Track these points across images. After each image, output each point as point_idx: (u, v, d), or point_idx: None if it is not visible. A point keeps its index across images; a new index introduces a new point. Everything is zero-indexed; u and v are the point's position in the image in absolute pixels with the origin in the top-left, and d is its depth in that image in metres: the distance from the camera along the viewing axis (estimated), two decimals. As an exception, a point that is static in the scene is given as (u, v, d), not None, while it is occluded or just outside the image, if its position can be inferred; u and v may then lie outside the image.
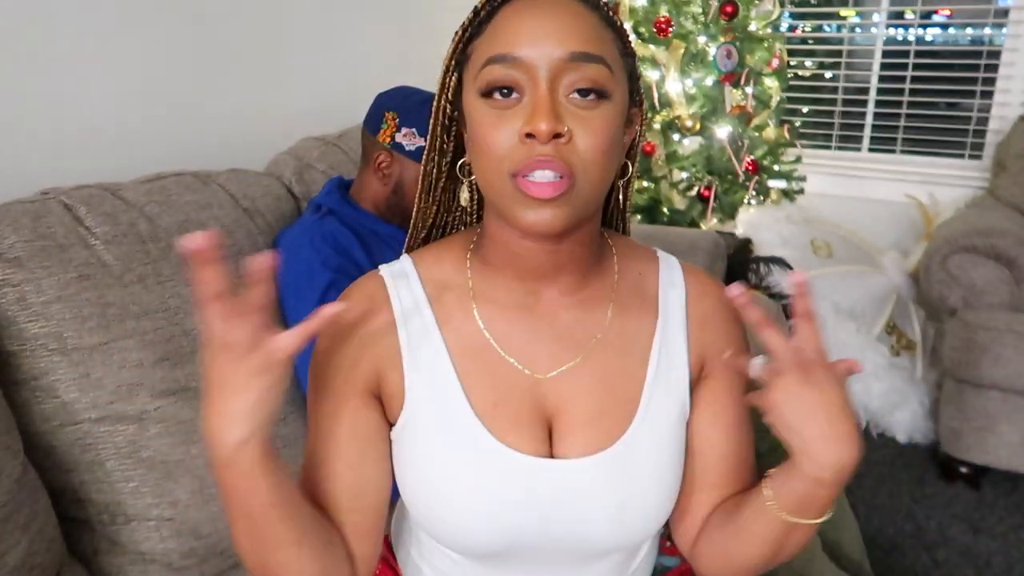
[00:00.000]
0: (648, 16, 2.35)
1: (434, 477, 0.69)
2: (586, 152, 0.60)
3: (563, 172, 0.59)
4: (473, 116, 0.63)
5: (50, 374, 0.98)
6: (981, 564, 1.71)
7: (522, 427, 0.69)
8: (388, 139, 1.27)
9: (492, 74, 0.61)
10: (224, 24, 1.58)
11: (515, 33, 0.60)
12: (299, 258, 1.21)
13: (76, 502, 1.01)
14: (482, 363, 0.69)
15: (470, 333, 0.70)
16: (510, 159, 0.60)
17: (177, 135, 1.49)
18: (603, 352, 0.71)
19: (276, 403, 0.60)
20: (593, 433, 0.69)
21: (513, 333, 0.70)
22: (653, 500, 0.71)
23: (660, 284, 0.75)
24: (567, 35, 0.60)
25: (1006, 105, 2.61)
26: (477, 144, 0.63)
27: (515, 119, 0.60)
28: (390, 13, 2.05)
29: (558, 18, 0.60)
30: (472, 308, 0.71)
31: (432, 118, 0.71)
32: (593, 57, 0.60)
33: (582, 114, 0.60)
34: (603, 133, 0.61)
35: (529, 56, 0.60)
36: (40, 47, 1.25)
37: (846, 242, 2.54)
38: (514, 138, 0.60)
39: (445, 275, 0.72)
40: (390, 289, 0.71)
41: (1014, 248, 1.87)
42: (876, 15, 2.86)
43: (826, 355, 0.62)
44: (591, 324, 0.71)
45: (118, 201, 1.12)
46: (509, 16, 0.62)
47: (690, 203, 2.48)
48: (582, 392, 0.70)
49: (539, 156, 0.59)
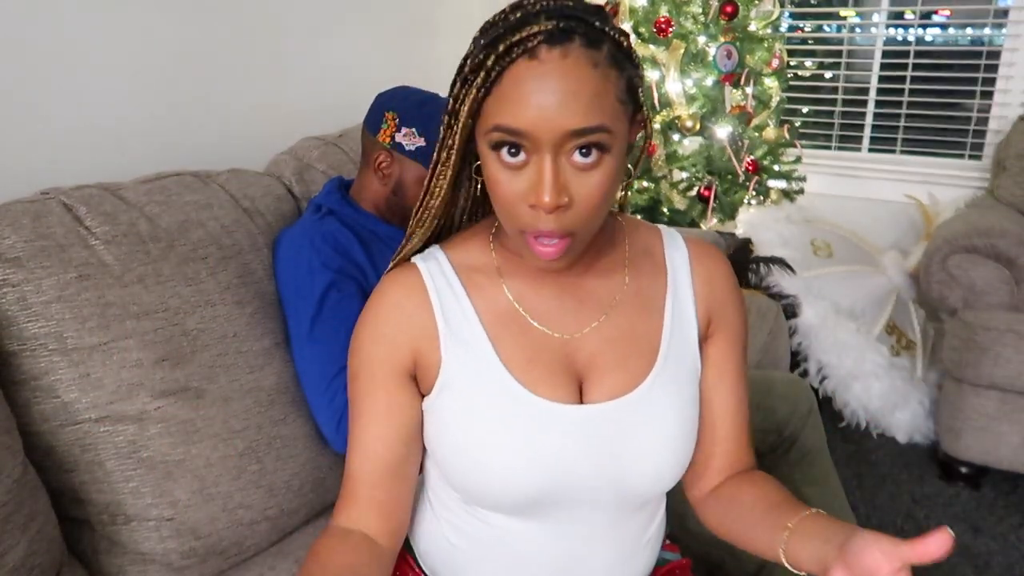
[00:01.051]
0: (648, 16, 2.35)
1: (472, 433, 0.74)
2: (586, 211, 0.66)
3: (564, 236, 0.66)
4: (486, 160, 0.67)
5: (50, 374, 0.98)
6: (981, 564, 1.71)
7: (555, 380, 0.75)
8: (388, 139, 1.27)
9: (500, 137, 0.65)
10: (224, 24, 1.58)
11: (520, 106, 0.63)
12: (299, 258, 1.21)
13: (76, 502, 1.01)
14: (513, 328, 0.76)
15: (500, 303, 0.76)
16: (518, 218, 0.66)
17: (177, 135, 1.49)
18: (624, 310, 0.78)
19: None
20: (619, 377, 0.75)
21: (540, 302, 0.77)
22: (673, 442, 0.76)
23: (666, 249, 0.83)
24: (569, 111, 0.62)
25: (1006, 105, 2.61)
26: (491, 189, 0.68)
27: (521, 182, 0.65)
28: (390, 13, 2.05)
29: (560, 91, 0.62)
30: (501, 283, 0.77)
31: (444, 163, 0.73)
32: (593, 130, 0.63)
33: (583, 178, 0.65)
34: (602, 187, 0.66)
35: (534, 132, 0.63)
36: (40, 47, 1.25)
37: (846, 242, 2.54)
38: (521, 201, 0.65)
39: (472, 257, 0.78)
40: (423, 272, 0.77)
41: (1014, 248, 1.87)
42: (876, 15, 2.86)
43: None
44: (611, 287, 0.78)
45: (118, 201, 1.12)
46: (517, 78, 0.63)
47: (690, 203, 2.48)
48: (607, 345, 0.76)
49: (543, 227, 0.65)
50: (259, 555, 1.13)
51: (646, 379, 0.76)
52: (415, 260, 0.79)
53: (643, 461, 0.75)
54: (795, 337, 2.16)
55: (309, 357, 1.18)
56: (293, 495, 1.16)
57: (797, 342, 2.17)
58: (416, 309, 0.76)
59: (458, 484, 0.76)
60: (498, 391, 0.73)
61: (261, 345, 1.18)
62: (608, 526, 0.78)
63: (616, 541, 0.79)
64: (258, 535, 1.12)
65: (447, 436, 0.76)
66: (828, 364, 2.16)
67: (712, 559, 1.14)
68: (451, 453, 0.75)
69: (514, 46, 0.62)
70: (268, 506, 1.13)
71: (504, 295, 0.77)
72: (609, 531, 0.78)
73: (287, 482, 1.16)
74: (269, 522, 1.13)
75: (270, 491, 1.13)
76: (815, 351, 2.17)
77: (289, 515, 1.16)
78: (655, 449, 0.75)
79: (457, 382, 0.75)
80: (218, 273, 1.17)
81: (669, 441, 0.76)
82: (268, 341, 1.20)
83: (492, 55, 0.63)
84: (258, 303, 1.21)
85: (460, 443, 0.75)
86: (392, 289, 0.77)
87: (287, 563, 1.11)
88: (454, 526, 0.81)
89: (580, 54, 0.62)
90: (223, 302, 1.15)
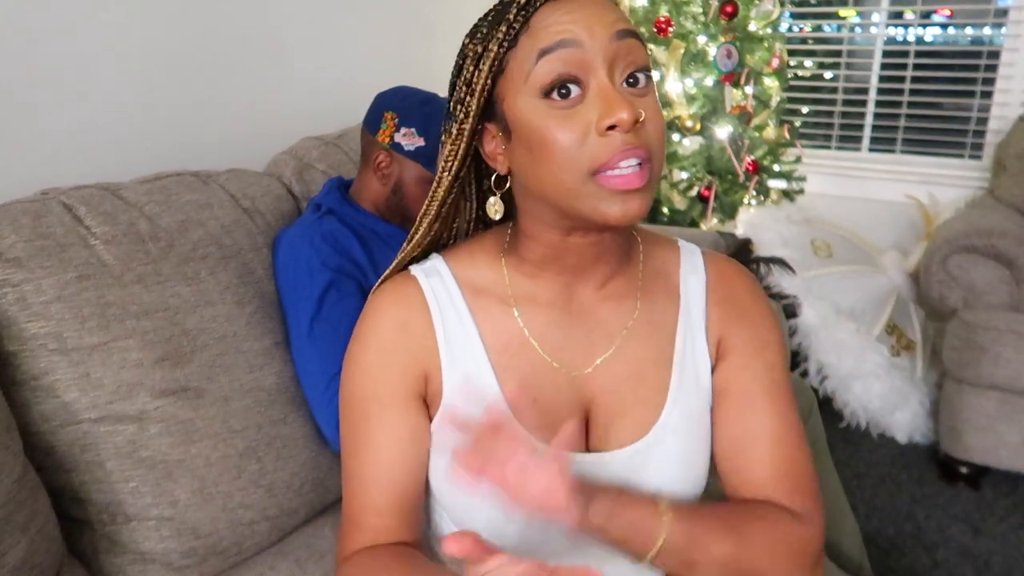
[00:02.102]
0: (648, 16, 2.35)
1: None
2: (655, 133, 0.63)
3: (644, 157, 0.61)
4: (531, 120, 0.63)
5: (50, 374, 0.98)
6: (981, 564, 1.71)
7: (559, 423, 0.69)
8: (387, 139, 1.27)
9: (550, 69, 0.61)
10: (224, 24, 1.58)
11: (562, 24, 0.61)
12: (299, 258, 1.21)
13: (76, 502, 1.01)
14: (520, 360, 0.71)
15: (509, 331, 0.72)
16: (590, 156, 0.61)
17: (177, 135, 1.49)
18: (633, 341, 0.73)
19: None
20: (626, 425, 0.72)
21: (550, 331, 0.72)
22: (682, 486, 0.72)
23: (681, 271, 0.78)
24: (610, 18, 0.62)
25: (1006, 105, 2.61)
26: (540, 147, 0.62)
27: (583, 115, 0.61)
28: (390, 13, 2.05)
29: (594, 5, 0.62)
30: (510, 306, 0.72)
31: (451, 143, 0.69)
32: (634, 33, 0.63)
33: (640, 101, 0.62)
34: (659, 115, 0.64)
35: (583, 40, 0.61)
36: (40, 47, 1.25)
37: (846, 242, 2.54)
38: (589, 134, 0.61)
39: (479, 276, 0.73)
40: (425, 289, 0.72)
41: (1014, 248, 1.87)
42: (876, 15, 2.86)
43: None
44: (622, 315, 0.74)
45: (118, 201, 1.12)
46: (547, 15, 0.62)
47: (690, 203, 2.48)
48: (615, 383, 0.72)
49: (625, 146, 0.60)
50: (259, 555, 1.13)
51: (655, 426, 0.71)
52: (415, 272, 0.74)
53: None
54: (795, 337, 2.16)
55: (309, 356, 1.18)
56: (293, 495, 1.16)
57: (797, 342, 2.17)
58: (421, 329, 0.71)
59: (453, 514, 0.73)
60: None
61: (261, 345, 1.18)
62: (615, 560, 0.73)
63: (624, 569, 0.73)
64: (258, 535, 1.12)
65: (443, 465, 0.71)
66: (828, 364, 2.16)
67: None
68: (448, 489, 0.71)
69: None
70: (268, 506, 1.13)
71: (514, 319, 0.72)
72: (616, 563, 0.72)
73: (287, 482, 1.16)
74: (269, 522, 1.13)
75: (270, 491, 1.13)
76: (815, 351, 2.17)
77: (289, 515, 1.16)
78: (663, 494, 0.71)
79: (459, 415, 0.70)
80: (218, 273, 1.17)
81: (681, 481, 0.72)
82: (268, 341, 1.20)
83: (513, 8, 0.62)
84: (258, 303, 1.21)
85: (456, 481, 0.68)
86: (394, 307, 0.72)
87: (287, 563, 1.11)
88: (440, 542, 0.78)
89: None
90: (223, 302, 1.15)
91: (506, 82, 0.64)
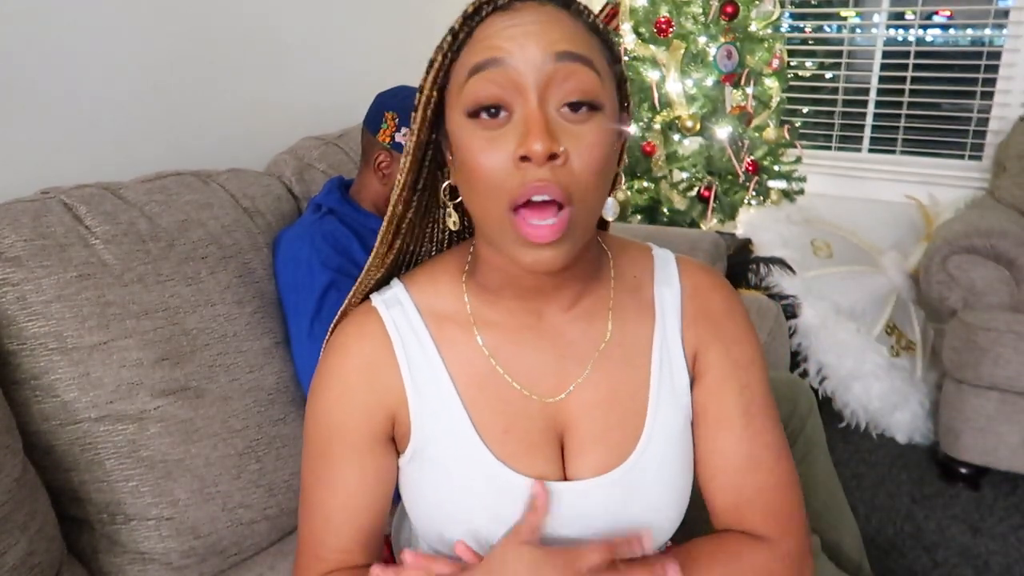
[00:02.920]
0: (648, 16, 2.35)
1: (444, 505, 0.68)
2: (582, 173, 0.57)
3: (560, 198, 0.56)
4: (461, 139, 0.59)
5: (50, 373, 0.98)
6: (980, 564, 1.71)
7: (533, 450, 0.68)
8: (388, 139, 1.27)
9: (477, 88, 0.57)
10: (224, 24, 1.58)
11: (497, 39, 0.57)
12: (299, 258, 1.21)
13: (75, 501, 1.01)
14: (490, 390, 0.68)
15: (474, 360, 0.68)
16: (506, 188, 0.57)
17: (177, 135, 1.49)
18: (607, 363, 0.70)
19: None
20: (603, 451, 0.68)
21: (518, 357, 0.69)
22: (664, 512, 0.70)
23: (655, 285, 0.74)
24: (551, 36, 0.57)
25: (1006, 106, 2.60)
26: (468, 170, 0.59)
27: (506, 141, 0.57)
28: (389, 13, 2.05)
29: (540, 21, 0.57)
30: (474, 335, 0.69)
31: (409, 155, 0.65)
32: (579, 57, 0.57)
33: (575, 130, 0.57)
34: (598, 149, 0.58)
35: (514, 61, 0.56)
36: (40, 46, 1.25)
37: (846, 242, 2.53)
38: (508, 162, 0.57)
39: (442, 302, 0.70)
40: (386, 322, 0.69)
41: (1014, 249, 1.87)
42: (876, 16, 2.86)
43: None
44: (594, 336, 0.70)
45: (118, 201, 1.12)
46: (489, 26, 0.58)
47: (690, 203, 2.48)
48: (591, 408, 0.69)
49: (535, 182, 0.55)
50: (259, 554, 1.13)
51: (633, 452, 0.68)
52: (376, 304, 0.70)
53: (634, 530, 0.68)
54: (795, 337, 2.16)
55: (309, 356, 1.18)
56: (293, 494, 1.16)
57: (797, 342, 2.17)
58: (385, 368, 0.68)
59: (432, 543, 0.71)
60: (473, 466, 0.67)
61: (261, 345, 1.18)
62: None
63: None
64: (258, 534, 1.12)
65: (419, 501, 0.70)
66: (828, 364, 2.16)
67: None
68: (424, 514, 0.70)
69: (484, 4, 0.58)
70: (268, 505, 1.13)
71: (479, 349, 0.68)
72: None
73: (287, 481, 1.16)
74: (269, 521, 1.13)
75: (270, 490, 1.13)
76: (815, 351, 2.16)
77: (289, 514, 1.16)
78: (647, 518, 0.69)
79: (429, 451, 0.68)
80: (218, 273, 1.17)
81: (662, 506, 0.70)
82: (268, 341, 1.20)
83: (460, 18, 0.59)
84: (258, 303, 1.21)
85: (432, 513, 0.69)
86: (356, 346, 0.68)
87: (287, 563, 1.11)
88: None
89: (556, 8, 0.59)
90: (223, 302, 1.16)
91: (448, 95, 0.61)
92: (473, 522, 0.67)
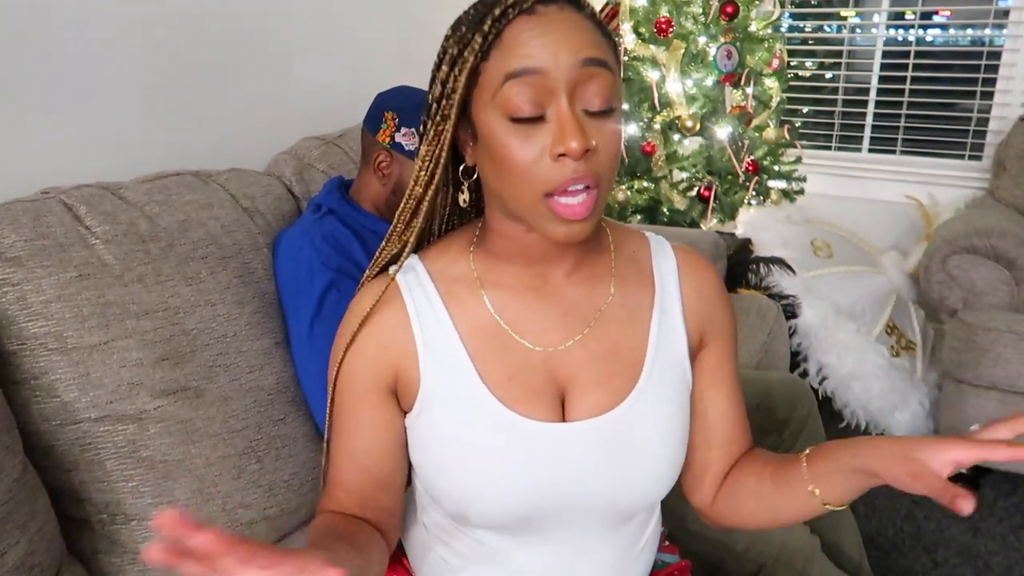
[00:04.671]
0: (648, 16, 2.35)
1: (453, 453, 0.73)
2: (606, 159, 0.66)
3: (591, 183, 0.64)
4: (495, 134, 0.65)
5: (50, 373, 0.98)
6: (980, 565, 1.71)
7: (536, 398, 0.73)
8: (388, 139, 1.27)
9: (516, 95, 0.63)
10: (224, 24, 1.58)
11: (531, 47, 0.63)
12: (299, 258, 1.21)
13: (76, 501, 1.01)
14: (494, 343, 0.73)
15: (481, 317, 0.74)
16: (543, 178, 0.64)
17: (177, 135, 1.49)
18: (608, 323, 0.76)
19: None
20: (601, 396, 0.74)
21: (522, 314, 0.74)
22: (660, 459, 0.75)
23: (653, 259, 0.81)
24: (578, 43, 0.64)
25: (1006, 106, 2.61)
26: (501, 161, 0.66)
27: (542, 137, 0.64)
28: (390, 13, 2.05)
29: (566, 28, 0.64)
30: (481, 294, 0.75)
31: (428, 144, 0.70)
32: (602, 62, 0.64)
33: (598, 125, 0.65)
34: (616, 138, 0.66)
35: (547, 67, 0.63)
36: (40, 46, 1.25)
37: (846, 242, 2.53)
38: (543, 157, 0.64)
39: (451, 268, 0.76)
40: (401, 285, 0.75)
41: (1014, 249, 1.87)
42: (876, 16, 2.86)
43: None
44: (596, 298, 0.76)
45: (118, 201, 1.12)
46: (519, 31, 0.64)
47: (690, 203, 2.48)
48: (590, 360, 0.74)
49: (574, 175, 0.63)
50: (259, 555, 1.13)
51: (628, 396, 0.74)
52: (391, 270, 0.76)
53: (630, 476, 0.74)
54: (795, 337, 2.16)
55: (309, 356, 1.18)
56: (293, 494, 1.17)
57: (797, 342, 2.16)
58: (395, 325, 0.74)
59: (443, 503, 0.75)
60: (478, 411, 0.72)
61: (261, 345, 1.18)
62: (600, 538, 0.78)
63: (610, 551, 0.79)
64: (258, 534, 1.12)
65: (429, 456, 0.74)
66: (828, 364, 2.16)
67: (712, 559, 1.14)
68: (433, 473, 0.74)
69: (510, 8, 0.64)
70: (268, 505, 1.13)
71: (484, 307, 0.74)
72: (602, 542, 0.78)
73: (287, 482, 1.16)
74: (269, 522, 1.13)
75: (270, 491, 1.13)
76: (815, 351, 2.16)
77: (289, 515, 1.16)
78: (642, 463, 0.74)
79: (437, 401, 0.73)
80: (218, 273, 1.17)
81: (656, 455, 0.75)
82: (268, 341, 1.20)
83: (488, 19, 0.64)
84: (258, 303, 1.21)
85: (442, 464, 0.73)
86: (370, 303, 0.74)
87: (287, 563, 1.11)
88: (444, 542, 0.81)
89: (573, 11, 0.66)
90: (223, 302, 1.16)
91: (478, 92, 0.66)
92: (477, 466, 0.72)
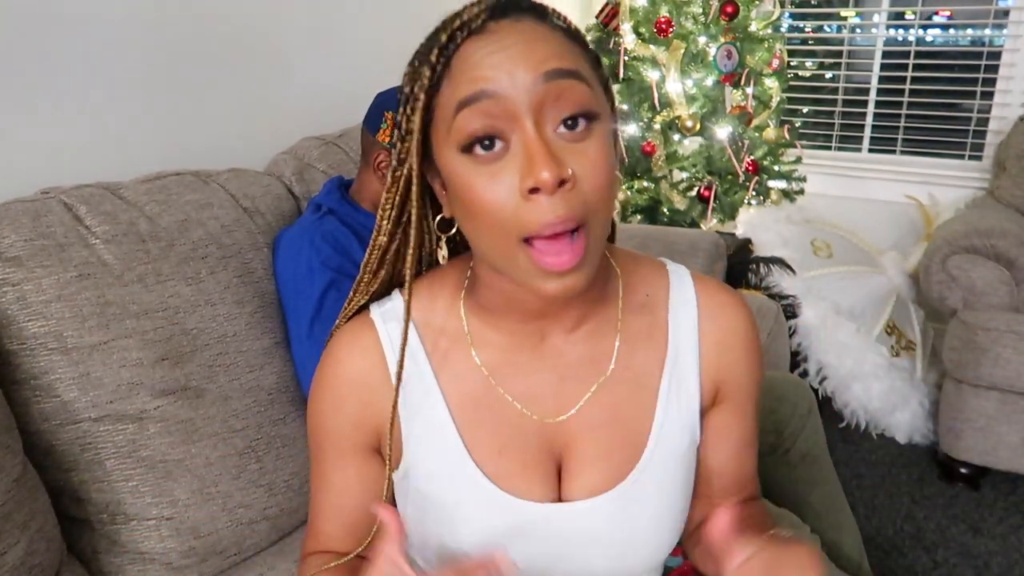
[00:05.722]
0: (648, 16, 2.35)
1: (437, 526, 0.68)
2: (592, 192, 0.55)
3: (576, 222, 0.54)
4: (458, 176, 0.56)
5: (50, 373, 0.98)
6: (980, 565, 1.71)
7: (529, 472, 0.66)
8: (387, 139, 1.27)
9: (468, 123, 0.54)
10: (224, 24, 1.58)
11: (481, 68, 0.54)
12: (299, 258, 1.21)
13: (75, 501, 1.01)
14: (485, 410, 0.66)
15: (470, 379, 0.67)
16: (517, 222, 0.54)
17: (177, 135, 1.49)
18: (612, 388, 0.68)
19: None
20: (601, 472, 0.67)
21: (517, 375, 0.67)
22: (661, 533, 0.70)
23: (670, 305, 0.70)
24: (537, 56, 0.54)
25: (1006, 106, 2.60)
26: (469, 206, 0.56)
27: (508, 173, 0.54)
28: (390, 13, 2.05)
29: (522, 42, 0.54)
30: (471, 353, 0.67)
31: (387, 190, 0.63)
32: (569, 72, 0.54)
33: (577, 148, 0.54)
34: (603, 163, 0.55)
35: (503, 89, 0.53)
36: (40, 46, 1.25)
37: (846, 242, 2.53)
38: (514, 196, 0.54)
39: (439, 319, 0.68)
40: (382, 336, 0.67)
41: (1014, 249, 1.87)
42: (876, 16, 2.86)
43: None
44: (598, 359, 0.67)
45: (118, 201, 1.12)
46: (469, 54, 0.55)
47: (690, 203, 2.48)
48: (590, 430, 0.67)
49: (553, 215, 0.53)
50: (259, 554, 1.13)
51: (631, 474, 0.67)
52: (374, 316, 0.68)
53: (631, 550, 0.68)
54: (795, 337, 2.16)
55: (308, 356, 1.18)
56: (293, 494, 1.17)
57: (797, 342, 2.16)
58: (377, 383, 0.67)
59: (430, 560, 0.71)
60: (466, 487, 0.65)
61: (261, 345, 1.18)
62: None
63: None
64: (258, 534, 1.12)
65: (414, 520, 0.70)
66: (828, 364, 2.16)
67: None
68: (416, 535, 0.70)
69: (457, 31, 0.55)
70: (268, 505, 1.13)
71: (475, 366, 0.66)
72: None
73: (287, 481, 1.16)
74: (269, 521, 1.13)
75: (270, 490, 1.13)
76: (815, 351, 2.16)
77: (289, 514, 1.16)
78: (645, 538, 0.68)
79: (421, 470, 0.67)
80: (218, 273, 1.17)
81: (660, 527, 0.69)
82: (268, 341, 1.20)
83: (435, 48, 0.55)
84: (258, 303, 1.21)
85: (426, 533, 0.69)
86: (350, 357, 0.68)
87: (287, 563, 1.11)
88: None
89: (533, 22, 0.56)
90: (223, 302, 1.16)
91: (434, 130, 0.58)
92: (462, 543, 0.66)
